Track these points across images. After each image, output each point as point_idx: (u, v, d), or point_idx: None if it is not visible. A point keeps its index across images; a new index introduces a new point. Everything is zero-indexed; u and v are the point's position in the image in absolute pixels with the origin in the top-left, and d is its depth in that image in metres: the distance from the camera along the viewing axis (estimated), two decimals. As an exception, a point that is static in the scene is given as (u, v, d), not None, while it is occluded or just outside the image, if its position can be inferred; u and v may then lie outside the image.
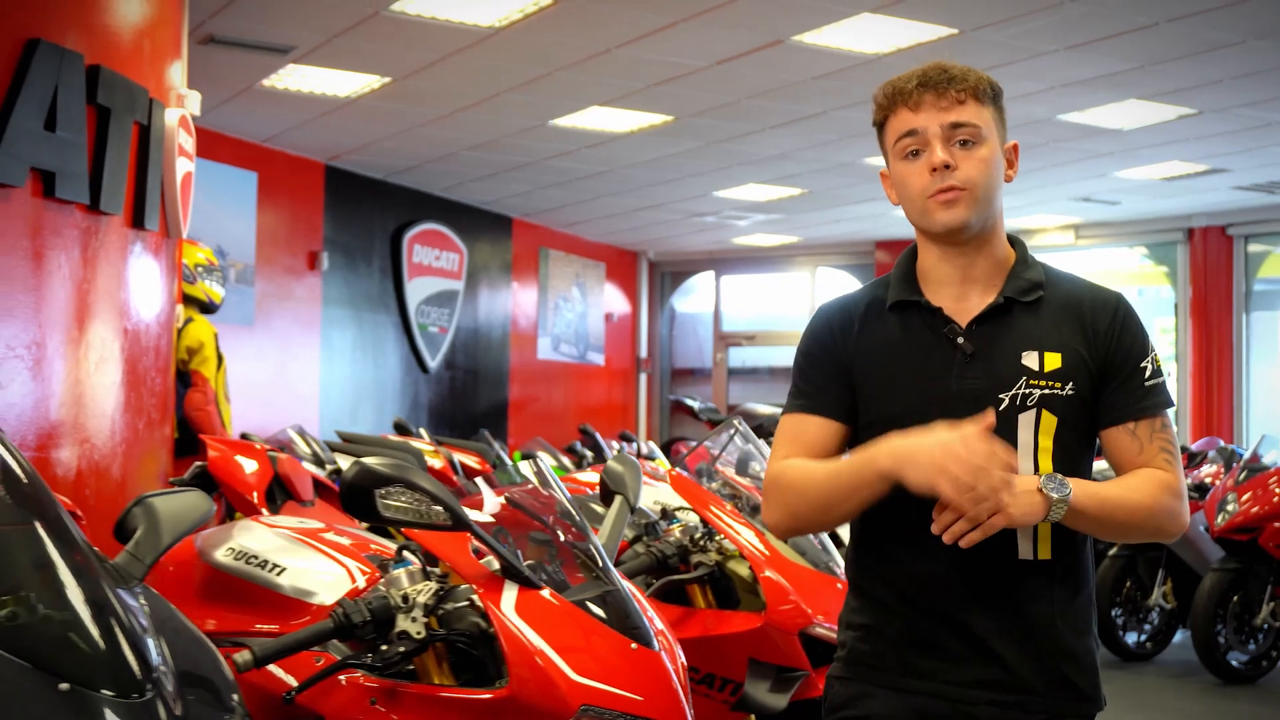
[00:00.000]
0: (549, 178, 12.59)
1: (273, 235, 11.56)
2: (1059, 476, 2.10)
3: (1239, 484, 8.06)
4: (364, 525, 3.45)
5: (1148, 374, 2.23)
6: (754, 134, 10.51)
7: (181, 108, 5.92)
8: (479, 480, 2.75)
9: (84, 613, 1.86)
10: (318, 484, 4.70)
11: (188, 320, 6.81)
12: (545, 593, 2.57)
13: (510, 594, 2.51)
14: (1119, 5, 7.24)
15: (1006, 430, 2.15)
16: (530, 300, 15.40)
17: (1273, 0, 7.09)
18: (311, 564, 2.71)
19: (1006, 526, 2.05)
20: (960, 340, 2.23)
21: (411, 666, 2.55)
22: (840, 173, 11.94)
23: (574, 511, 2.73)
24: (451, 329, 13.89)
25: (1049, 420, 2.19)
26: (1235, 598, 7.83)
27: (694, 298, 18.46)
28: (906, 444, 2.08)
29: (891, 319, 2.29)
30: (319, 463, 6.48)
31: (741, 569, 3.65)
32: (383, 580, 2.61)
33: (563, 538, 2.70)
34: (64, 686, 1.74)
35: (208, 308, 7.08)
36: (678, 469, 3.93)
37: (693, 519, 3.75)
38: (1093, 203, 13.29)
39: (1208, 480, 8.80)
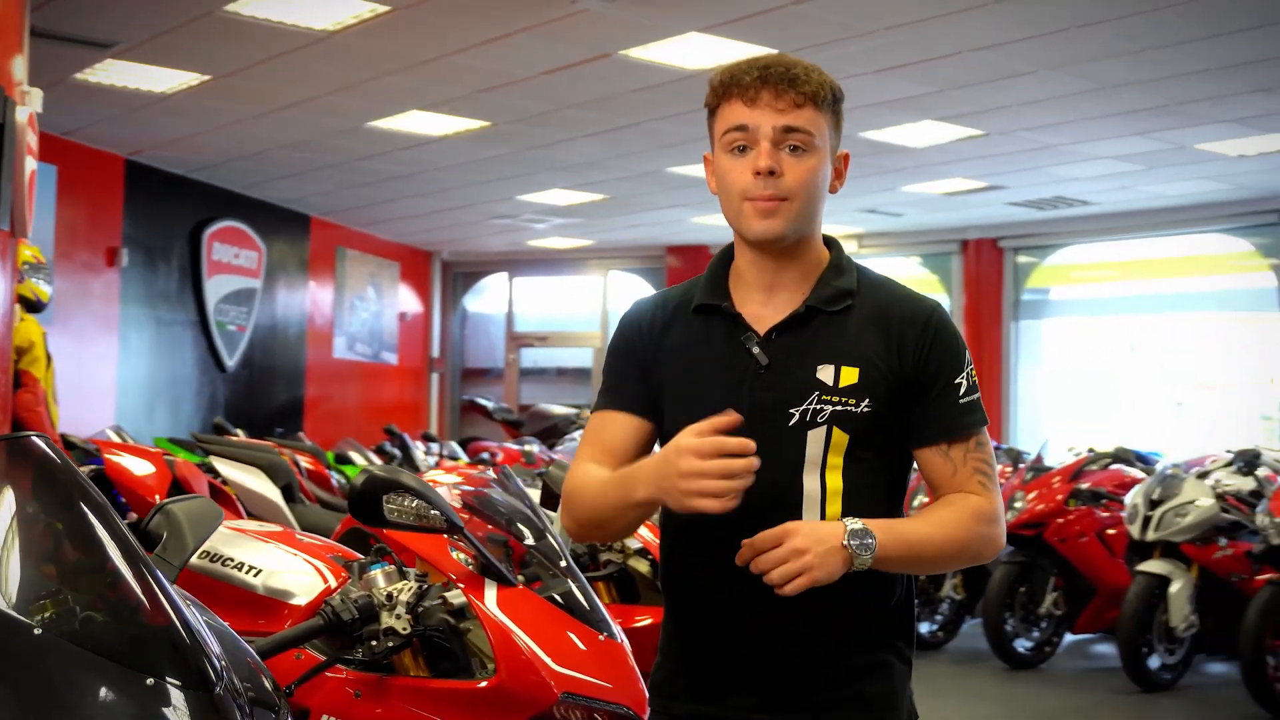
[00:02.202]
0: (355, 177, 12.53)
1: (71, 231, 11.24)
2: (865, 529, 1.99)
3: (1026, 483, 8.65)
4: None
5: (961, 391, 2.12)
6: (566, 141, 10.69)
7: (26, 105, 5.82)
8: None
9: (149, 607, 1.87)
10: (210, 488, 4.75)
11: (17, 319, 6.66)
12: (520, 589, 2.76)
13: (491, 591, 2.69)
14: (927, 34, 7.70)
15: (795, 446, 2.06)
16: (326, 299, 15.29)
17: (1066, 33, 7.65)
18: (284, 565, 2.81)
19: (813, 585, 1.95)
20: (755, 350, 2.12)
21: (387, 661, 2.70)
22: (644, 180, 12.21)
23: (532, 512, 2.91)
24: (249, 327, 13.69)
25: (840, 438, 2.08)
26: (1022, 589, 8.37)
27: (486, 298, 18.53)
28: (649, 469, 1.99)
29: (696, 322, 2.18)
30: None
31: (641, 566, 3.88)
32: (356, 581, 2.74)
33: (526, 537, 2.88)
34: (149, 681, 1.79)
35: (35, 306, 6.93)
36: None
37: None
38: (877, 214, 13.84)
39: (995, 479, 9.35)
